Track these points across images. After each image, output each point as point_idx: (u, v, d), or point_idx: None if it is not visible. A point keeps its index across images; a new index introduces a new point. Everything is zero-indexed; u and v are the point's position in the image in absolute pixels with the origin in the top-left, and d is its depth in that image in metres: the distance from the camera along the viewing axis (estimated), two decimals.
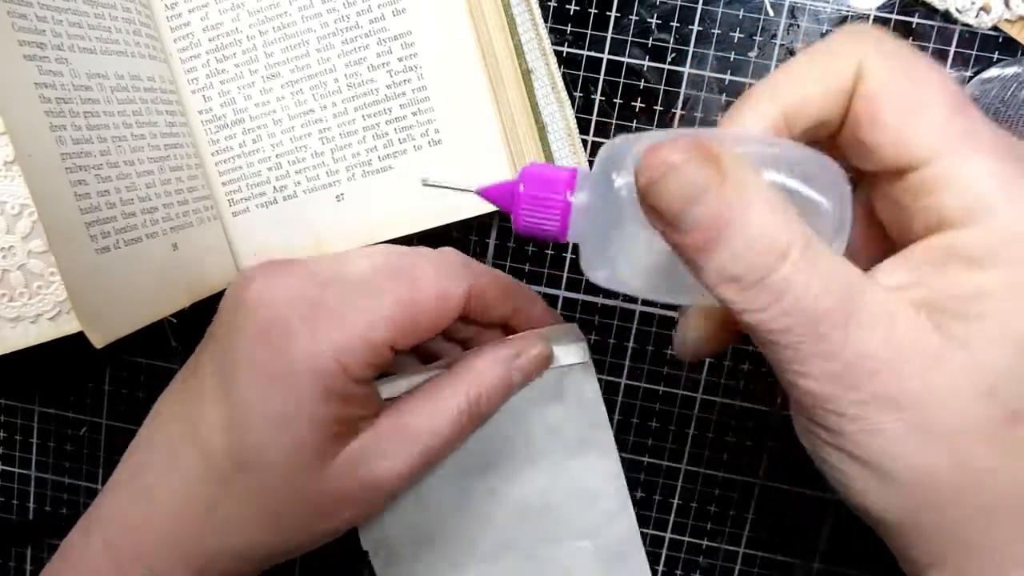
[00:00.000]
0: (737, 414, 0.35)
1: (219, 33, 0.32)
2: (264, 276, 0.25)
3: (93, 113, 0.27)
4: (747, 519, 0.35)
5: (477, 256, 0.34)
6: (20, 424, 0.38)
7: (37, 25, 0.26)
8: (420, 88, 0.32)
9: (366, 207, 0.32)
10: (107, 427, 0.37)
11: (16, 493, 0.38)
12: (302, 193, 0.33)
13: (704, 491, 0.35)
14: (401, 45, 0.31)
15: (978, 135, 0.18)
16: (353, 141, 0.32)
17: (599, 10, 0.32)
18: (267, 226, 0.33)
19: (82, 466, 0.38)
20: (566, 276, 0.34)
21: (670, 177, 0.17)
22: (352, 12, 0.31)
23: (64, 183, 0.25)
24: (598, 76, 0.33)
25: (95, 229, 0.26)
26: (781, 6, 0.32)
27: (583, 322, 0.34)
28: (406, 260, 0.26)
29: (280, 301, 0.24)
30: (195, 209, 0.32)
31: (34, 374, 0.37)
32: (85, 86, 0.27)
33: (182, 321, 0.36)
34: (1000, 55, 0.31)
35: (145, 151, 0.29)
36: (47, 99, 0.26)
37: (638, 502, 0.36)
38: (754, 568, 0.36)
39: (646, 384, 0.35)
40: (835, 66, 0.19)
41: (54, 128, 0.26)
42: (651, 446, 0.35)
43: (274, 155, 0.32)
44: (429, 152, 0.32)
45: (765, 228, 0.17)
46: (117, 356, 0.37)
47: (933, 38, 0.31)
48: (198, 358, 0.26)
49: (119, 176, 0.28)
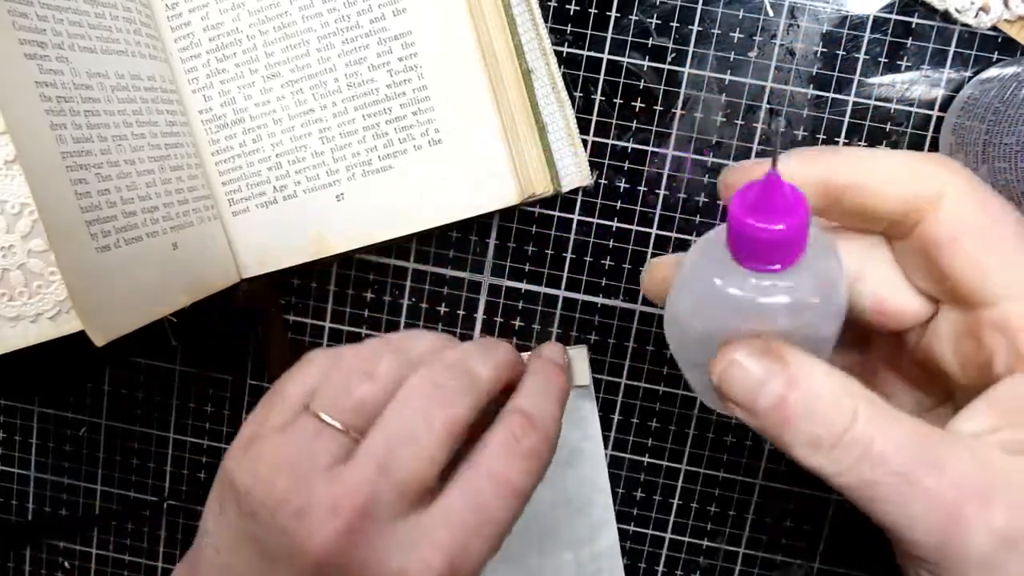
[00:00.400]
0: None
1: (219, 33, 0.32)
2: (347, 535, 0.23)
3: (93, 112, 0.27)
4: (747, 519, 0.35)
5: (477, 256, 0.34)
6: (20, 424, 0.38)
7: (38, 24, 0.26)
8: (420, 88, 0.32)
9: (366, 207, 0.32)
10: (107, 427, 0.37)
11: (15, 493, 0.38)
12: (302, 193, 0.33)
13: (704, 491, 0.35)
14: (401, 45, 0.31)
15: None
16: (353, 141, 0.32)
17: (599, 10, 0.32)
18: (267, 226, 0.33)
19: (82, 466, 0.38)
20: (566, 276, 0.34)
21: (735, 371, 0.19)
22: (352, 12, 0.31)
23: (64, 182, 0.25)
24: (598, 76, 0.33)
25: (95, 228, 0.26)
26: (781, 6, 0.32)
27: (583, 322, 0.34)
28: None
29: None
30: (195, 208, 0.32)
31: (34, 374, 0.37)
32: (86, 85, 0.27)
33: (182, 320, 0.36)
34: (999, 55, 0.31)
35: (145, 150, 0.29)
36: (48, 98, 0.26)
37: (638, 502, 0.36)
38: (754, 568, 0.36)
39: (646, 384, 0.35)
40: (922, 171, 0.20)
41: (54, 127, 0.26)
42: (651, 446, 0.35)
43: (274, 155, 0.32)
44: (429, 152, 0.32)
45: (831, 395, 0.19)
46: (117, 356, 0.37)
47: (932, 38, 0.31)
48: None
49: (119, 175, 0.28)
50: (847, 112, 0.32)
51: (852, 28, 0.32)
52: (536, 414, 0.26)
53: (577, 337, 0.35)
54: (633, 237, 0.34)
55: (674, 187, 0.33)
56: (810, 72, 0.32)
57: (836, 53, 0.32)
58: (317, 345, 0.36)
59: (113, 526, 0.38)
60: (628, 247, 0.34)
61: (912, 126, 0.32)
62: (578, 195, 0.34)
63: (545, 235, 0.34)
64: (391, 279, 0.35)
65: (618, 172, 0.33)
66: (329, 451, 0.24)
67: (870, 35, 0.32)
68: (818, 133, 0.32)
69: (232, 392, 0.37)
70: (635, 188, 0.33)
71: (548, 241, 0.34)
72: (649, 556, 0.36)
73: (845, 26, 0.32)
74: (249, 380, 0.36)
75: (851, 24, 0.32)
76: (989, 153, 0.28)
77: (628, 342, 0.34)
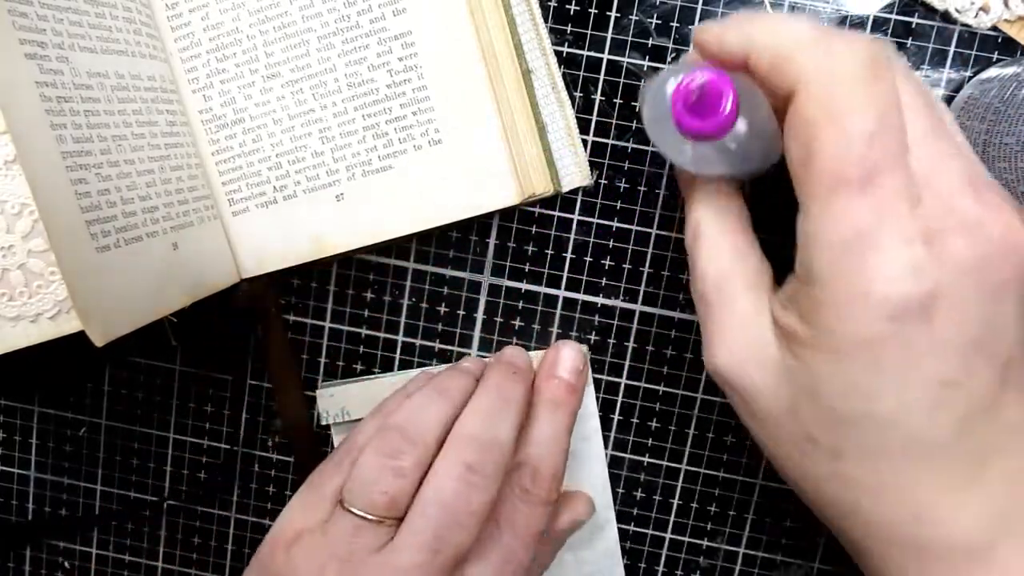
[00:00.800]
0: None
1: (219, 33, 0.32)
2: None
3: (94, 112, 0.27)
4: (747, 519, 0.35)
5: (477, 256, 0.34)
6: (20, 424, 0.38)
7: (38, 24, 0.26)
8: (420, 88, 0.32)
9: (366, 207, 0.32)
10: (107, 427, 0.37)
11: (15, 494, 0.38)
12: (302, 193, 0.33)
13: (704, 491, 0.35)
14: (401, 45, 0.31)
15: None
16: (353, 141, 0.32)
17: (599, 10, 0.32)
18: (267, 226, 0.33)
19: (81, 467, 0.38)
20: (566, 276, 0.34)
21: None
22: (352, 12, 0.31)
23: (65, 182, 0.25)
24: (598, 76, 0.33)
25: (96, 228, 0.26)
26: (781, 6, 0.32)
27: (583, 322, 0.34)
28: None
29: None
30: (195, 208, 0.32)
31: (34, 374, 0.37)
32: (86, 85, 0.27)
33: (182, 321, 0.36)
34: (999, 55, 0.31)
35: (145, 150, 0.29)
36: (48, 98, 0.26)
37: (638, 502, 0.36)
38: (754, 568, 0.35)
39: (646, 384, 0.35)
40: (789, 64, 0.22)
41: (55, 127, 0.26)
42: (651, 446, 0.35)
43: (274, 155, 0.32)
44: (429, 152, 0.32)
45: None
46: (117, 356, 0.37)
47: (932, 38, 0.31)
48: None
49: (120, 175, 0.28)
50: None
51: (852, 28, 0.32)
52: (545, 459, 0.29)
53: (577, 337, 0.35)
54: (633, 237, 0.34)
55: (674, 187, 0.33)
56: None
57: None
58: (317, 345, 0.36)
59: (113, 526, 0.38)
60: (628, 247, 0.34)
61: None
62: (578, 195, 0.34)
63: (545, 235, 0.34)
64: (391, 279, 0.35)
65: (618, 172, 0.33)
66: (371, 540, 0.26)
67: (870, 35, 0.32)
68: None
69: (232, 392, 0.37)
70: (635, 188, 0.33)
71: (548, 241, 0.34)
72: (649, 556, 0.36)
73: (845, 26, 0.32)
74: (249, 380, 0.36)
75: (851, 24, 0.32)
76: (989, 153, 0.28)
77: (628, 342, 0.34)
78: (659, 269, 0.34)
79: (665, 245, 0.34)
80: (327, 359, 0.36)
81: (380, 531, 0.26)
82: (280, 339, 0.35)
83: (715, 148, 0.25)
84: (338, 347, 0.36)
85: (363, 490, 0.27)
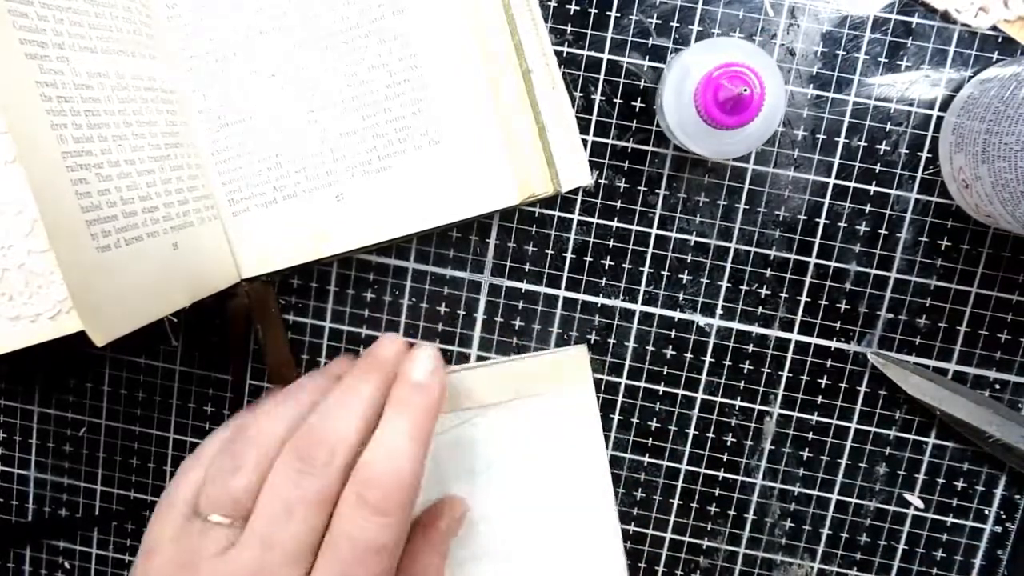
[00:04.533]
0: (737, 414, 0.35)
1: (219, 33, 0.32)
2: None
3: (94, 112, 0.27)
4: (747, 519, 0.35)
5: (477, 256, 0.34)
6: (20, 424, 0.38)
7: (38, 24, 0.26)
8: (420, 88, 0.32)
9: (366, 207, 0.32)
10: (106, 427, 0.37)
11: (15, 494, 0.38)
12: (302, 193, 0.33)
13: (704, 491, 0.35)
14: (401, 45, 0.31)
15: None
16: (353, 141, 0.32)
17: (599, 10, 0.32)
18: (267, 226, 0.33)
19: (81, 467, 0.38)
20: (566, 276, 0.34)
21: None
22: (352, 12, 0.31)
23: (65, 182, 0.25)
24: (598, 76, 0.33)
25: (96, 228, 0.26)
26: (781, 6, 0.32)
27: (583, 322, 0.34)
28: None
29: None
30: (195, 208, 0.32)
31: (34, 374, 0.37)
32: (86, 85, 0.27)
33: (182, 321, 0.36)
34: (999, 55, 0.31)
35: (146, 150, 0.29)
36: (48, 98, 0.26)
37: (638, 502, 0.36)
38: (754, 568, 0.36)
39: (646, 384, 0.35)
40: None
41: (55, 127, 0.26)
42: (651, 446, 0.35)
43: (274, 155, 0.32)
44: (429, 152, 0.32)
45: None
46: (117, 356, 0.37)
47: (932, 38, 0.31)
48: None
49: (120, 175, 0.28)
50: (847, 112, 0.32)
51: (852, 28, 0.32)
52: (379, 462, 0.27)
53: (577, 337, 0.35)
54: (633, 237, 0.34)
55: (674, 187, 0.33)
56: (810, 72, 0.32)
57: (836, 53, 0.32)
58: (317, 345, 0.36)
59: (113, 526, 0.38)
60: (628, 247, 0.34)
61: (912, 126, 0.32)
62: (578, 195, 0.34)
63: (545, 235, 0.34)
64: (391, 279, 0.35)
65: (618, 172, 0.33)
66: (216, 543, 0.26)
67: (870, 35, 0.32)
68: (818, 133, 0.32)
69: (232, 392, 0.37)
70: (635, 188, 0.33)
71: (548, 241, 0.34)
72: (649, 556, 0.36)
73: (845, 26, 0.32)
74: (249, 380, 0.36)
75: (851, 24, 0.32)
76: (989, 153, 0.28)
77: (628, 342, 0.34)
78: (659, 269, 0.34)
79: (665, 245, 0.34)
80: (327, 359, 0.36)
81: (227, 533, 0.26)
82: (280, 339, 0.35)
83: (733, 134, 0.27)
84: (338, 347, 0.36)
85: (207, 492, 0.27)
